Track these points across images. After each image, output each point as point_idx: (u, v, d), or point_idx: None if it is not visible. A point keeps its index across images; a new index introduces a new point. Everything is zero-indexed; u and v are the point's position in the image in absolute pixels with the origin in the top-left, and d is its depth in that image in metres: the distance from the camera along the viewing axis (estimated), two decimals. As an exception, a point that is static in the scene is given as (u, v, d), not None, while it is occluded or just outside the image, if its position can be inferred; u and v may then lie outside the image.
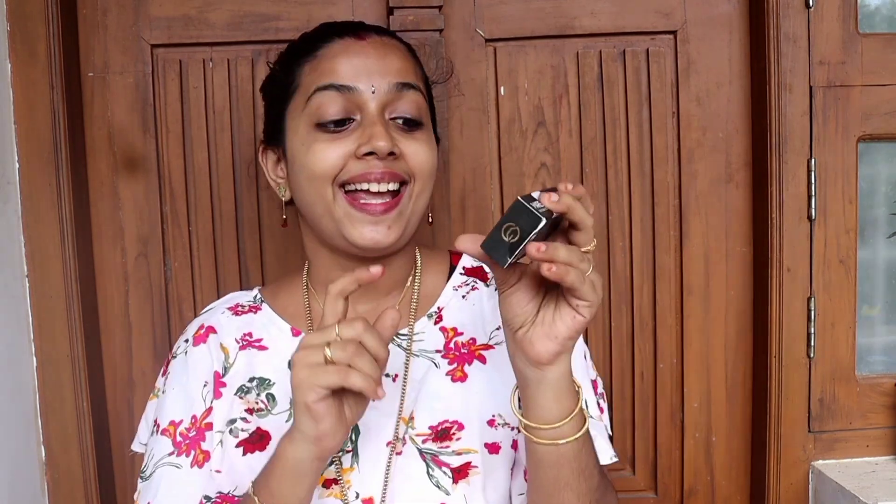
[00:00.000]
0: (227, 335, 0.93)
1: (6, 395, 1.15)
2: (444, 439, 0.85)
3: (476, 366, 0.89)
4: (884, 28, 1.29)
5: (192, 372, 0.91)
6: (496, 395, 0.87)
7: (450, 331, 0.92)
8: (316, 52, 0.87)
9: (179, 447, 0.87)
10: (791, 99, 1.23)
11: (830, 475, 1.23)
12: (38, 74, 1.17)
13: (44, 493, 1.23)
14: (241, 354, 0.91)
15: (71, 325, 1.20)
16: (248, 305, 0.96)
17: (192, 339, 0.94)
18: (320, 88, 0.84)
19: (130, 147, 1.25)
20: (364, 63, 0.84)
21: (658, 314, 1.31)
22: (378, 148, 0.81)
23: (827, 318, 1.26)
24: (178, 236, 1.27)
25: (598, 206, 1.29)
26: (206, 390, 0.90)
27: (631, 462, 1.33)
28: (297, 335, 0.91)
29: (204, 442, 0.87)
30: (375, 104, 0.84)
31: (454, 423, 0.86)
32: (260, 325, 0.94)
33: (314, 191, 0.84)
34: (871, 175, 1.31)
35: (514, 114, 1.28)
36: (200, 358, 0.92)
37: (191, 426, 0.88)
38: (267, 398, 0.88)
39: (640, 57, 1.28)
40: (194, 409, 0.89)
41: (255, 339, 0.92)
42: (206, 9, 1.24)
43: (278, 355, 0.90)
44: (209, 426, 0.88)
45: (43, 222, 1.19)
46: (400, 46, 0.90)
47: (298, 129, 0.86)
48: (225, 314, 0.95)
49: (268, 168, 0.94)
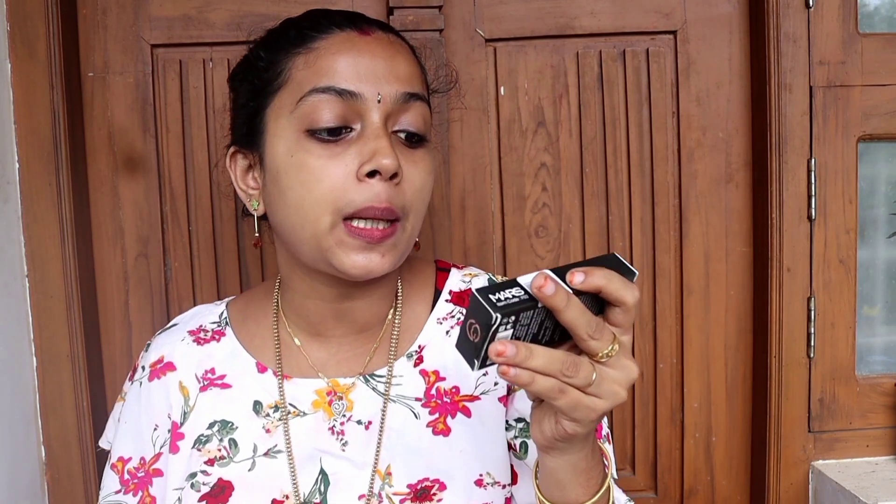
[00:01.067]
0: (187, 371, 0.84)
1: (6, 395, 1.15)
2: (423, 499, 0.77)
3: (460, 419, 0.80)
4: (884, 28, 1.29)
5: (145, 410, 0.85)
6: (483, 451, 0.80)
7: (431, 374, 0.82)
8: (312, 43, 0.75)
9: (127, 485, 0.83)
10: (791, 99, 1.23)
11: (830, 475, 1.23)
12: (38, 74, 1.17)
13: (44, 493, 1.23)
14: (203, 396, 0.83)
15: (71, 325, 1.20)
16: (211, 331, 0.87)
17: (148, 370, 0.86)
18: (318, 90, 0.73)
19: (130, 147, 1.25)
20: (371, 65, 0.74)
21: (658, 314, 1.31)
22: (383, 167, 0.71)
23: (827, 318, 1.26)
24: (178, 236, 1.27)
25: (598, 206, 1.29)
26: (157, 434, 0.84)
27: (631, 462, 1.33)
28: (264, 371, 0.83)
29: (151, 486, 0.83)
30: (380, 114, 0.73)
31: (435, 481, 0.78)
32: (222, 359, 0.85)
33: (304, 216, 0.73)
34: (871, 175, 1.31)
35: (514, 114, 1.28)
36: (155, 398, 0.84)
37: (139, 466, 0.84)
38: (229, 444, 0.81)
39: (640, 57, 1.28)
40: (144, 451, 0.84)
41: (217, 375, 0.84)
42: (206, 9, 1.24)
43: (243, 395, 0.82)
44: (157, 472, 0.83)
45: (43, 222, 1.19)
46: (406, 48, 0.80)
47: (284, 133, 0.74)
48: (185, 341, 0.86)
49: (236, 175, 0.82)
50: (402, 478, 0.78)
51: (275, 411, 0.82)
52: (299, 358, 0.84)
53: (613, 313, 0.57)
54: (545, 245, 1.30)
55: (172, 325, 0.91)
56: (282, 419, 0.81)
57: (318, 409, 0.81)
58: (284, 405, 0.82)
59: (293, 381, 0.83)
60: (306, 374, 0.83)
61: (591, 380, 0.56)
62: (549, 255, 1.30)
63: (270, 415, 0.82)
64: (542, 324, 0.56)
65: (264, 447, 0.81)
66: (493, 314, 0.52)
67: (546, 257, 1.30)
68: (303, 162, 0.73)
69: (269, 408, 0.82)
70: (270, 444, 0.81)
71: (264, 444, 0.81)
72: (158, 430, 0.84)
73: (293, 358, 0.84)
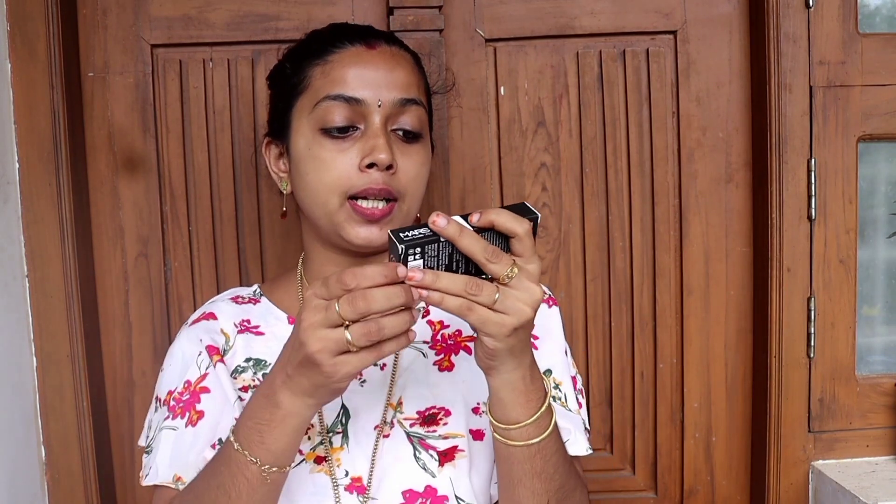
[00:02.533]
0: (227, 321, 0.96)
1: (6, 395, 1.15)
2: (431, 424, 0.89)
3: (462, 356, 0.94)
4: (884, 28, 1.29)
5: (188, 346, 0.94)
6: (481, 384, 0.87)
7: (437, 324, 0.97)
8: (327, 56, 0.90)
9: (174, 411, 0.89)
10: (791, 99, 1.23)
11: (830, 475, 1.23)
12: (38, 74, 1.17)
13: (44, 493, 1.23)
14: (240, 338, 0.95)
15: (71, 325, 1.20)
16: (247, 297, 1.01)
17: (191, 322, 0.97)
18: (330, 97, 0.88)
19: (130, 147, 1.25)
20: (374, 76, 0.89)
21: (658, 314, 1.31)
22: (379, 160, 0.86)
23: (827, 318, 1.26)
24: (178, 236, 1.27)
25: (598, 206, 1.29)
26: (201, 359, 0.92)
27: (631, 462, 1.33)
28: (293, 322, 0.91)
29: (199, 403, 0.89)
30: (380, 117, 0.88)
31: (441, 409, 0.90)
32: (258, 315, 0.97)
33: (317, 196, 0.89)
34: (871, 175, 1.31)
35: (514, 114, 1.28)
36: (196, 335, 0.94)
37: (184, 390, 0.90)
38: (262, 377, 0.91)
39: (640, 57, 1.28)
40: (188, 374, 0.91)
41: (252, 325, 0.96)
42: (206, 9, 1.24)
43: (275, 339, 0.94)
44: (204, 389, 0.90)
45: (43, 222, 1.19)
46: (407, 58, 0.94)
47: (304, 129, 0.90)
48: (226, 302, 1.00)
49: (270, 161, 0.98)
50: (412, 407, 0.90)
51: None
52: None
53: (512, 244, 0.70)
54: (545, 245, 1.30)
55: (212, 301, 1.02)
56: None
57: None
58: None
59: None
60: None
61: (495, 298, 0.68)
62: (550, 255, 1.30)
63: None
64: (451, 256, 0.69)
65: None
66: (398, 246, 0.66)
67: (546, 257, 1.30)
68: (317, 155, 0.89)
69: None
70: None
71: None
72: (202, 356, 0.92)
73: None
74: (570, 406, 0.93)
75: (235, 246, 1.27)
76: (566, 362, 0.96)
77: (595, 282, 1.30)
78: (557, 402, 0.92)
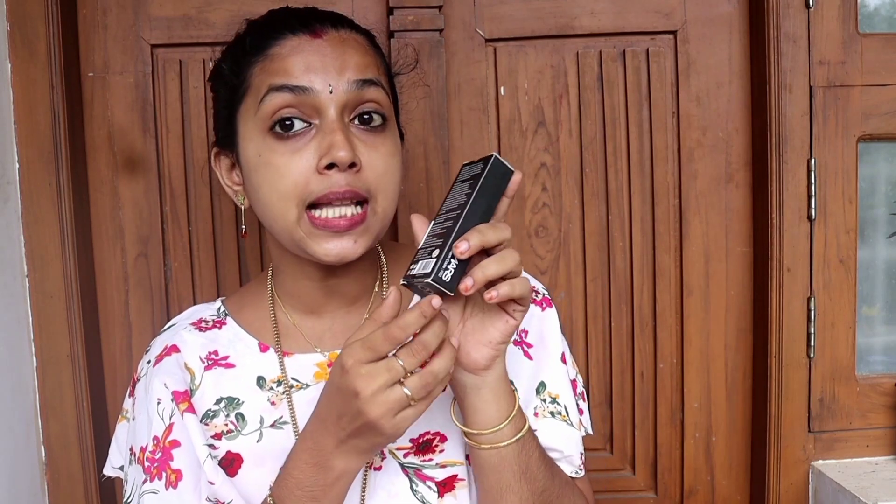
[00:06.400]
0: (192, 353, 0.87)
1: (6, 395, 1.15)
2: (426, 452, 0.83)
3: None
4: (884, 28, 1.29)
5: (152, 393, 0.85)
6: None
7: None
8: (267, 50, 0.80)
9: (150, 472, 0.83)
10: (791, 99, 1.23)
11: (830, 475, 1.23)
12: (38, 74, 1.17)
13: (44, 493, 1.23)
14: (207, 375, 0.86)
15: (71, 325, 1.20)
16: (211, 320, 0.91)
17: (153, 360, 0.88)
18: (273, 88, 0.77)
19: (130, 147, 1.25)
20: (321, 62, 0.78)
21: (658, 314, 1.31)
22: (339, 159, 0.75)
23: (827, 318, 1.26)
24: (178, 236, 1.27)
25: (598, 206, 1.29)
26: (162, 407, 0.84)
27: (631, 462, 1.33)
28: (265, 350, 0.87)
29: (172, 461, 0.82)
30: (334, 106, 0.77)
31: (436, 434, 0.84)
32: (226, 342, 0.88)
33: (273, 209, 0.79)
34: (871, 175, 1.31)
35: (514, 114, 1.28)
36: (157, 381, 0.85)
37: (155, 448, 0.83)
38: (236, 418, 0.84)
39: (640, 57, 1.28)
40: (154, 428, 0.84)
41: (221, 356, 0.87)
42: (206, 9, 1.24)
43: (246, 373, 0.86)
44: (175, 443, 0.83)
45: (43, 222, 1.19)
46: (359, 38, 0.83)
47: (252, 135, 0.80)
48: (188, 330, 0.89)
49: (222, 174, 0.88)
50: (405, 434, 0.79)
51: (278, 385, 0.86)
52: (297, 335, 0.89)
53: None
54: (545, 245, 1.30)
55: (170, 326, 0.94)
56: (285, 392, 0.85)
57: (321, 380, 0.86)
58: (286, 379, 0.86)
59: (294, 357, 0.87)
60: (305, 349, 0.88)
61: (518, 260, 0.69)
62: (549, 255, 1.30)
63: (274, 388, 0.86)
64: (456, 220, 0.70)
65: (270, 419, 0.84)
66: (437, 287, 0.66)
67: (546, 257, 1.30)
68: (268, 160, 0.78)
69: (273, 382, 0.86)
70: (276, 415, 0.84)
71: (270, 416, 0.84)
72: (163, 403, 0.84)
73: (291, 336, 0.89)
74: (570, 419, 0.88)
75: (235, 246, 1.27)
76: (563, 368, 0.90)
77: (595, 282, 1.30)
78: (558, 417, 0.87)
